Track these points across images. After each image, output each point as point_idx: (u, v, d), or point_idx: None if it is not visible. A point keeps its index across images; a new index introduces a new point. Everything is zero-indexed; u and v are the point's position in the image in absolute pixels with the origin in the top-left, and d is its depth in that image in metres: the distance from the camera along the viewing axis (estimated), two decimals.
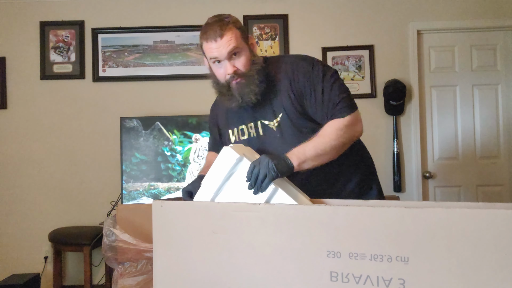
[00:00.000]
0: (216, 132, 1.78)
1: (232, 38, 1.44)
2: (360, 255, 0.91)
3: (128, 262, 2.71)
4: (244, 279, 1.01)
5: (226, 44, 1.43)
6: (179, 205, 1.09)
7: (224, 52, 1.43)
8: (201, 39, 1.48)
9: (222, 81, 1.51)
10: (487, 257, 0.82)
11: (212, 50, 1.45)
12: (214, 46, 1.44)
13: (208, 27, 1.46)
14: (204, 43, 1.47)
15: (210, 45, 1.44)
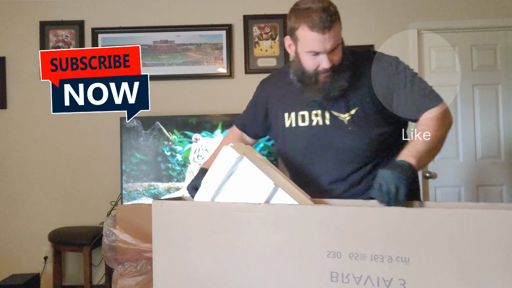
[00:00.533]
0: (262, 112, 1.64)
1: (337, 33, 1.31)
2: (361, 255, 0.91)
3: (128, 262, 2.71)
4: (244, 279, 1.00)
5: (332, 38, 1.29)
6: (179, 205, 1.09)
7: (328, 47, 1.30)
8: (299, 23, 1.30)
9: (309, 71, 1.37)
10: (488, 258, 0.82)
11: (314, 42, 1.29)
12: (318, 38, 1.28)
13: (314, 13, 1.27)
14: (301, 30, 1.30)
15: (312, 35, 1.28)
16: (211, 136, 3.24)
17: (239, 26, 3.59)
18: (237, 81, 3.58)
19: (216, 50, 3.57)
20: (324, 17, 1.26)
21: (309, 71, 1.37)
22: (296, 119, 1.50)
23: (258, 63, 3.58)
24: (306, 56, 1.34)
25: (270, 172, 1.19)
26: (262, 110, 1.63)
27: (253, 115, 1.68)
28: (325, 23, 1.26)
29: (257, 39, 3.59)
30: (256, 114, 1.66)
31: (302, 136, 1.49)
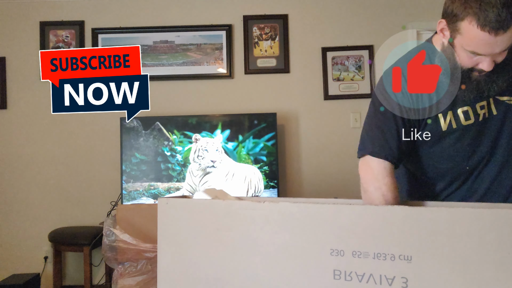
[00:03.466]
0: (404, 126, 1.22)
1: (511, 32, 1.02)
2: (364, 253, 0.91)
3: (128, 262, 2.71)
4: (248, 276, 1.01)
5: (505, 41, 1.03)
6: (184, 203, 1.09)
7: (497, 50, 1.05)
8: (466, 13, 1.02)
9: (463, 67, 1.12)
10: (490, 257, 0.82)
11: (481, 44, 1.04)
12: (488, 40, 1.02)
13: (490, 7, 0.99)
14: (467, 23, 1.03)
15: (482, 35, 1.02)
16: (211, 136, 3.24)
17: (239, 27, 3.60)
18: (237, 81, 3.59)
19: (216, 51, 3.57)
20: (504, 14, 0.98)
21: (462, 67, 1.13)
22: (457, 119, 1.22)
23: (258, 63, 3.59)
24: (464, 53, 1.10)
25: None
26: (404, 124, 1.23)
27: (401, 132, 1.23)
28: (502, 23, 0.99)
29: (257, 39, 3.59)
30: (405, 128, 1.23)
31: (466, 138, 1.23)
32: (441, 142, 1.25)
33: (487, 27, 1.00)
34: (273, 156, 3.25)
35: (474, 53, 1.07)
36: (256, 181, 3.23)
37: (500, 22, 0.99)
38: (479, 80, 1.13)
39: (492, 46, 1.03)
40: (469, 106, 1.20)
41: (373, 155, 1.23)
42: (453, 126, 1.22)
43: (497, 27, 0.99)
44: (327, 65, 3.55)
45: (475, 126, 1.22)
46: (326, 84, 3.54)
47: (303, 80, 3.58)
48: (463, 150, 1.25)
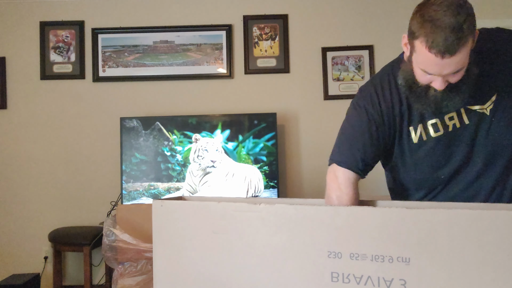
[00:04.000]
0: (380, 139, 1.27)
1: (462, 59, 1.05)
2: (361, 255, 0.91)
3: (128, 262, 2.71)
4: (244, 279, 1.00)
5: (453, 65, 1.05)
6: (180, 205, 1.09)
7: (445, 72, 1.07)
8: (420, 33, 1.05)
9: (420, 82, 1.16)
10: (489, 258, 0.82)
11: (429, 64, 1.07)
12: (435, 62, 1.05)
13: (439, 30, 1.02)
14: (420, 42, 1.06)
15: (430, 56, 1.04)
16: (211, 136, 3.24)
17: (239, 27, 3.59)
18: (237, 81, 3.58)
19: (216, 51, 3.57)
20: (451, 39, 1.01)
21: (420, 82, 1.16)
22: (425, 132, 1.25)
23: (258, 63, 3.58)
24: (419, 70, 1.12)
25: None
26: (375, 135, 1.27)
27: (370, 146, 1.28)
28: (448, 48, 1.01)
29: (257, 39, 3.59)
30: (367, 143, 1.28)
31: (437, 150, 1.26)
32: (414, 154, 1.28)
33: (434, 50, 1.03)
34: (273, 156, 3.25)
35: (425, 72, 1.10)
36: (256, 181, 3.22)
37: (446, 46, 1.01)
38: (436, 97, 1.15)
39: (440, 68, 1.06)
40: (438, 118, 1.23)
41: (339, 164, 1.29)
42: (423, 138, 1.25)
43: (443, 50, 1.02)
44: (327, 65, 3.55)
45: (445, 136, 1.24)
46: (326, 84, 3.54)
47: (303, 80, 3.57)
48: (436, 161, 1.27)
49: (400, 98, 1.25)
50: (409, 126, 1.26)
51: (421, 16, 1.06)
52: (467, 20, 1.04)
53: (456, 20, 1.02)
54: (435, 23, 1.02)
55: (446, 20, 1.02)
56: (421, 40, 1.05)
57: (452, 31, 1.01)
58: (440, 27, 1.02)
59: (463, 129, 1.24)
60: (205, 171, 3.21)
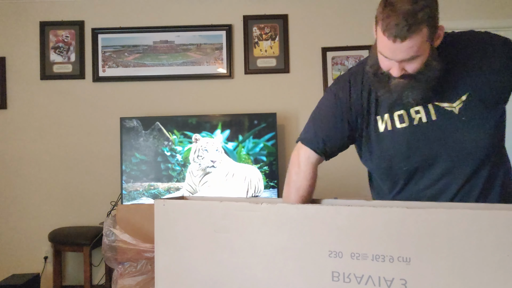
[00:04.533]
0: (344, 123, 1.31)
1: (414, 46, 1.09)
2: (362, 255, 0.91)
3: (128, 262, 2.72)
4: (245, 278, 1.01)
5: (404, 50, 1.09)
6: (181, 204, 1.09)
7: (399, 58, 1.12)
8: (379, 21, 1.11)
9: (383, 69, 1.19)
10: (488, 258, 0.82)
11: (385, 48, 1.12)
12: (389, 45, 1.10)
13: (393, 16, 1.06)
14: (379, 29, 1.11)
15: (384, 39, 1.10)
16: (211, 136, 3.24)
17: (239, 26, 3.60)
18: (237, 81, 3.59)
19: (216, 51, 3.57)
20: (402, 25, 1.05)
21: (383, 69, 1.20)
22: (392, 122, 1.28)
23: (258, 63, 3.58)
24: (380, 55, 1.17)
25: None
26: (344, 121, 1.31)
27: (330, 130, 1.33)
28: (398, 32, 1.06)
29: (257, 39, 3.59)
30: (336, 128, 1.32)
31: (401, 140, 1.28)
32: (380, 143, 1.31)
33: (387, 33, 1.08)
34: (273, 156, 3.25)
35: (383, 56, 1.14)
36: (256, 181, 3.23)
37: (397, 31, 1.06)
38: (397, 85, 1.18)
39: (393, 52, 1.10)
40: (404, 110, 1.26)
41: (303, 142, 1.36)
42: (389, 128, 1.28)
43: (394, 34, 1.06)
44: (327, 65, 3.55)
45: (410, 129, 1.26)
46: (326, 84, 3.54)
47: (303, 80, 3.57)
48: (400, 152, 1.29)
49: (370, 88, 1.29)
50: (376, 115, 1.30)
51: (384, 1, 1.11)
52: (423, 9, 1.06)
53: (412, 7, 1.05)
54: (392, 8, 1.07)
55: (402, 7, 1.06)
56: (380, 24, 1.10)
57: (404, 17, 1.05)
58: (395, 12, 1.06)
59: (430, 125, 1.25)
60: (205, 171, 3.22)
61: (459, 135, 1.23)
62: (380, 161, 1.34)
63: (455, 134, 1.23)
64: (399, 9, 1.06)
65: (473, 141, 1.23)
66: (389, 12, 1.07)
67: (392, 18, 1.06)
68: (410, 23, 1.05)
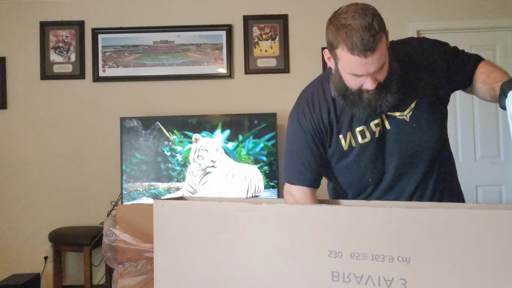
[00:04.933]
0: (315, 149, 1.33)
1: (381, 54, 1.11)
2: (362, 255, 0.91)
3: (128, 262, 2.72)
4: (245, 278, 1.01)
5: (376, 61, 1.11)
6: (181, 205, 1.09)
7: (372, 70, 1.13)
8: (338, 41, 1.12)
9: (352, 89, 1.21)
10: (488, 258, 0.82)
11: (355, 66, 1.12)
12: (360, 62, 1.10)
13: (354, 32, 1.08)
14: (341, 50, 1.12)
15: (354, 58, 1.10)
16: (211, 136, 3.24)
17: (239, 26, 3.60)
18: (237, 81, 3.59)
19: (216, 50, 3.57)
20: (367, 38, 1.07)
21: (352, 89, 1.21)
22: (354, 139, 1.31)
23: (258, 63, 3.59)
24: (348, 76, 1.18)
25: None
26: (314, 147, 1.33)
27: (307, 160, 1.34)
28: (367, 46, 1.08)
29: (257, 39, 3.59)
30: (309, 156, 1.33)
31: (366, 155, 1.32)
32: (344, 160, 1.34)
33: (356, 51, 1.09)
34: (273, 156, 3.25)
35: (354, 75, 1.15)
36: (256, 181, 3.23)
37: (365, 45, 1.07)
38: (370, 99, 1.20)
39: (366, 67, 1.11)
40: (364, 125, 1.29)
41: (291, 183, 1.36)
42: (353, 145, 1.31)
43: (363, 49, 1.08)
44: (327, 65, 3.55)
45: (373, 143, 1.30)
46: None
47: (303, 80, 3.54)
48: (365, 165, 1.33)
49: (328, 109, 1.31)
50: (338, 134, 1.32)
51: (334, 27, 1.14)
52: (374, 18, 1.10)
53: (365, 20, 1.09)
54: (348, 28, 1.09)
55: (356, 23, 1.09)
56: (341, 47, 1.11)
57: (365, 30, 1.07)
58: (353, 30, 1.08)
59: (387, 134, 1.30)
60: (205, 171, 3.22)
61: (410, 140, 1.29)
62: (346, 175, 1.38)
63: (408, 140, 1.29)
64: (356, 26, 1.09)
65: (423, 144, 1.29)
66: (348, 33, 1.09)
67: (354, 36, 1.08)
68: (373, 34, 1.08)
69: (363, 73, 1.14)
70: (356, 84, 1.18)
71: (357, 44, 1.08)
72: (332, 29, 1.14)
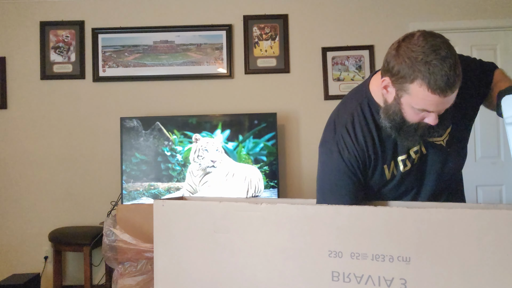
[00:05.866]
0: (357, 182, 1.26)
1: (456, 92, 1.06)
2: (362, 255, 0.91)
3: (128, 262, 2.72)
4: (245, 278, 1.01)
5: (451, 100, 1.07)
6: (181, 205, 1.09)
7: (444, 108, 1.09)
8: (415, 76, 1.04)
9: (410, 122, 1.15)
10: (488, 257, 0.82)
11: (430, 104, 1.06)
12: (437, 101, 1.05)
13: (439, 71, 1.01)
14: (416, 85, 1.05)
15: (432, 97, 1.04)
16: (211, 136, 3.24)
17: (239, 26, 3.60)
18: (237, 81, 3.58)
19: (216, 50, 3.57)
20: (452, 78, 1.01)
21: (409, 122, 1.15)
22: (397, 168, 1.27)
23: (258, 63, 3.58)
24: (411, 110, 1.11)
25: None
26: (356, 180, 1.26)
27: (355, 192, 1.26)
28: (451, 86, 1.02)
29: (257, 39, 3.59)
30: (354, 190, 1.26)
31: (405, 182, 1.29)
32: (383, 188, 1.30)
33: (438, 90, 1.02)
34: (273, 156, 3.25)
35: (423, 111, 1.10)
36: (256, 181, 3.23)
37: (449, 85, 1.02)
38: (424, 131, 1.16)
39: (441, 105, 1.07)
40: (405, 153, 1.26)
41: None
42: (395, 173, 1.28)
43: (446, 89, 1.02)
44: (327, 65, 3.55)
45: (413, 170, 1.28)
46: (326, 84, 3.54)
47: (303, 80, 3.57)
48: (403, 190, 1.31)
49: (373, 138, 1.24)
50: (383, 164, 1.26)
51: (409, 59, 1.05)
52: (455, 55, 1.05)
53: (450, 59, 1.03)
54: (432, 65, 1.02)
55: (441, 63, 1.02)
56: (419, 84, 1.04)
57: (450, 69, 1.02)
58: (437, 67, 1.02)
59: (424, 160, 1.28)
60: (205, 171, 3.22)
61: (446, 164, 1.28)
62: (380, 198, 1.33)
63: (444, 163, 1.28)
64: (441, 66, 1.02)
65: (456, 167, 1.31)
66: (431, 69, 1.02)
67: (438, 74, 1.02)
68: (458, 73, 1.03)
69: (436, 110, 1.08)
70: (418, 118, 1.13)
71: (441, 84, 1.01)
72: (407, 61, 1.05)
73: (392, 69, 1.09)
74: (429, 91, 1.03)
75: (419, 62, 1.03)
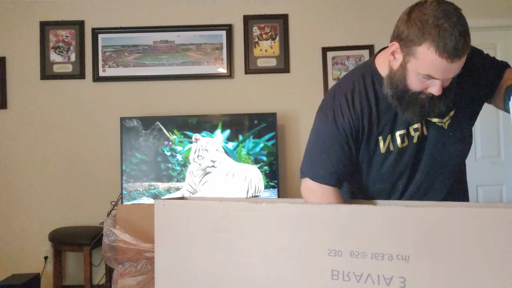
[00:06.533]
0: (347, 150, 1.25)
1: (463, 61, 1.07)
2: (361, 253, 0.91)
3: (128, 262, 2.72)
4: (245, 277, 1.01)
5: (458, 68, 1.07)
6: (181, 204, 1.10)
7: (450, 76, 1.09)
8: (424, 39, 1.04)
9: (413, 90, 1.14)
10: (488, 256, 0.82)
11: (437, 69, 1.06)
12: (444, 66, 1.05)
13: (449, 35, 1.02)
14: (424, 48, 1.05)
15: (439, 61, 1.04)
16: (211, 136, 3.24)
17: (239, 26, 3.60)
18: (237, 81, 3.59)
19: (216, 50, 3.57)
20: (461, 43, 1.02)
21: (412, 90, 1.15)
22: (393, 143, 1.25)
23: (258, 63, 3.59)
24: (416, 77, 1.11)
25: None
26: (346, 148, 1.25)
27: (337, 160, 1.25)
28: (459, 52, 1.02)
29: (257, 39, 3.59)
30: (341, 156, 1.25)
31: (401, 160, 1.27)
32: (379, 164, 1.29)
33: (445, 54, 1.02)
34: (273, 156, 3.25)
35: (428, 77, 1.09)
36: (256, 181, 3.23)
37: (457, 50, 1.02)
38: (424, 103, 1.15)
39: (447, 72, 1.06)
40: (405, 128, 1.24)
41: (314, 179, 1.28)
42: (391, 149, 1.26)
43: (454, 54, 1.02)
44: (327, 65, 3.55)
45: (410, 148, 1.26)
46: (327, 84, 3.54)
47: (303, 80, 3.57)
48: (399, 171, 1.29)
49: (370, 107, 1.24)
50: (378, 135, 1.25)
51: (419, 21, 1.06)
52: (466, 23, 1.05)
53: (461, 24, 1.03)
54: (442, 29, 1.02)
55: (452, 27, 1.02)
56: (427, 46, 1.04)
57: (460, 34, 1.02)
58: (448, 31, 1.02)
59: (424, 141, 1.26)
60: (205, 171, 3.22)
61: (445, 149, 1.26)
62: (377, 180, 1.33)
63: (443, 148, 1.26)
64: (452, 30, 1.02)
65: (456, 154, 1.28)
66: (441, 32, 1.02)
67: (448, 38, 1.02)
68: (467, 40, 1.03)
69: (441, 77, 1.08)
70: (422, 86, 1.12)
71: (450, 47, 1.01)
72: (418, 24, 1.06)
73: (402, 33, 1.11)
74: (437, 54, 1.03)
75: (429, 24, 1.04)
